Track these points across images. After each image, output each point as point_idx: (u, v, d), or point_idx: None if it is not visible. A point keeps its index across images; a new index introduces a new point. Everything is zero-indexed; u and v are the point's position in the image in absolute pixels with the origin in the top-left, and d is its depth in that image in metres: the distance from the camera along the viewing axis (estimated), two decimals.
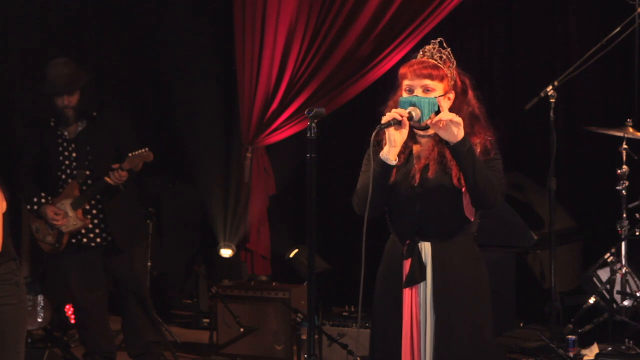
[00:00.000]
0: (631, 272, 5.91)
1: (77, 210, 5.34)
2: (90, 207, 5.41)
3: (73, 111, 5.39)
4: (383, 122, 3.23)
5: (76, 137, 5.42)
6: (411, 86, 3.34)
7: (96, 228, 5.42)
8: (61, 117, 5.42)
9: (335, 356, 5.45)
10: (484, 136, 3.36)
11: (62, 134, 5.43)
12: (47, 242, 5.42)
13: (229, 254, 6.82)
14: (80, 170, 5.39)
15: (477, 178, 3.23)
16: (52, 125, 5.46)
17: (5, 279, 3.80)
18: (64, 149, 5.42)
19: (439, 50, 3.37)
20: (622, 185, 5.90)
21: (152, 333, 5.60)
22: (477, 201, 3.31)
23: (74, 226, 5.36)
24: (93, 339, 5.53)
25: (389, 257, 3.47)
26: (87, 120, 5.43)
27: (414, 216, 3.37)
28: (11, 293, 3.81)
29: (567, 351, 5.31)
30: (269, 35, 6.78)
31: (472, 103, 3.40)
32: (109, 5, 7.42)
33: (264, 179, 6.86)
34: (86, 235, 5.40)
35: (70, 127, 5.43)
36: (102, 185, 5.32)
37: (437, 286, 3.35)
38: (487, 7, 7.18)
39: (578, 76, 5.94)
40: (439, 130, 3.25)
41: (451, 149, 3.24)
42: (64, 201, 5.35)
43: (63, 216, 5.33)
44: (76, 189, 5.36)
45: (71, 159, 5.41)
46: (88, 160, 5.39)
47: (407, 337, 3.38)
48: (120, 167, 5.28)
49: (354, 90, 6.69)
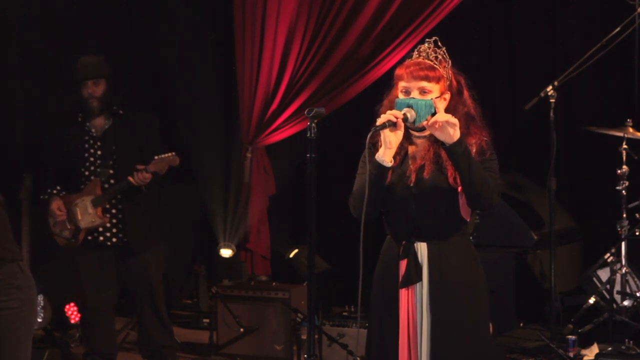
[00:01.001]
0: (631, 272, 5.91)
1: (97, 208, 5.33)
2: (110, 206, 5.40)
3: (98, 102, 5.41)
4: (378, 124, 3.23)
5: (102, 135, 5.43)
6: (408, 88, 3.34)
7: (114, 228, 5.40)
8: (86, 109, 5.43)
9: (335, 356, 5.45)
10: (480, 136, 3.35)
11: (89, 130, 5.44)
12: (64, 237, 5.40)
13: (229, 254, 6.82)
14: (103, 168, 5.39)
15: (473, 178, 3.23)
16: (80, 120, 5.47)
17: (6, 284, 3.67)
18: (89, 146, 5.42)
19: (434, 49, 3.36)
20: (622, 185, 5.90)
21: (163, 337, 5.56)
22: (473, 201, 3.32)
23: (92, 223, 5.35)
24: (95, 338, 5.51)
25: (385, 258, 3.47)
26: (114, 118, 5.46)
27: (410, 217, 3.37)
28: (12, 297, 3.67)
29: (567, 351, 5.31)
30: (269, 35, 6.78)
31: (467, 103, 3.40)
32: (109, 5, 7.42)
33: (264, 179, 6.86)
34: (103, 233, 5.39)
35: (96, 122, 5.44)
36: (125, 185, 5.31)
37: (433, 286, 3.35)
38: (487, 7, 7.18)
39: (578, 76, 5.93)
40: (435, 132, 3.25)
41: (447, 149, 3.24)
42: (85, 198, 5.34)
43: (65, 213, 5.34)
44: (98, 186, 5.36)
45: (96, 156, 5.41)
46: (113, 159, 5.40)
47: (404, 337, 3.37)
48: (145, 169, 5.28)
49: (354, 90, 6.69)
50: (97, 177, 5.37)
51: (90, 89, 5.40)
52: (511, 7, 7.13)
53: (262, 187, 6.85)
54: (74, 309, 6.33)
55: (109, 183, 5.38)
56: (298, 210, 7.31)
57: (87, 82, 5.41)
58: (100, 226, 5.36)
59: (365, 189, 3.23)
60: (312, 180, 3.25)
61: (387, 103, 3.41)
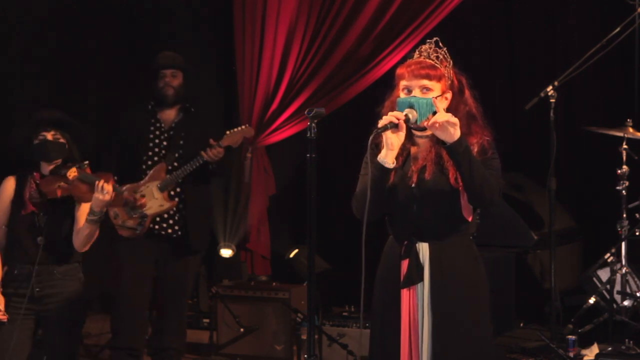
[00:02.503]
0: (631, 272, 5.91)
1: (163, 192, 5.34)
2: (175, 193, 5.41)
3: (173, 91, 5.46)
4: (380, 126, 3.22)
5: (171, 128, 5.46)
6: (409, 86, 3.34)
7: (170, 219, 5.41)
8: (160, 98, 5.46)
9: (335, 356, 5.46)
10: (481, 136, 3.36)
11: (158, 120, 5.46)
12: (128, 227, 5.36)
13: (229, 254, 6.82)
14: (170, 156, 5.41)
15: (474, 177, 3.24)
16: (150, 108, 5.49)
17: (72, 274, 4.50)
18: (155, 137, 5.44)
19: (435, 50, 3.37)
20: (622, 185, 5.91)
21: (175, 339, 5.56)
22: (474, 199, 3.32)
23: (161, 208, 5.33)
24: (124, 333, 5.46)
25: (387, 258, 3.48)
26: (184, 113, 5.48)
27: (412, 217, 3.37)
28: (75, 282, 4.51)
29: (567, 351, 5.30)
30: (269, 35, 6.79)
31: (469, 102, 3.41)
32: (109, 5, 7.42)
33: (264, 179, 6.86)
34: (160, 223, 5.39)
35: (165, 115, 5.47)
36: (194, 164, 5.32)
37: (434, 286, 3.35)
38: (487, 7, 7.18)
39: (578, 76, 5.93)
40: (436, 131, 3.25)
41: (448, 149, 3.25)
42: (150, 184, 5.34)
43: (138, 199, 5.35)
44: (163, 171, 5.36)
45: (161, 146, 5.43)
46: (179, 152, 5.42)
47: (406, 337, 3.38)
48: (218, 144, 5.32)
49: (354, 90, 6.69)
50: (163, 162, 5.38)
51: (168, 78, 5.48)
52: (511, 7, 7.14)
53: (262, 187, 6.85)
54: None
55: (175, 167, 5.39)
56: (298, 210, 7.31)
57: (165, 72, 5.49)
58: (171, 209, 5.35)
59: (367, 190, 3.23)
60: (312, 180, 3.25)
61: (389, 104, 3.41)
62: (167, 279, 5.51)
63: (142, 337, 5.60)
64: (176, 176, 5.34)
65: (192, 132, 5.46)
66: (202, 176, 5.47)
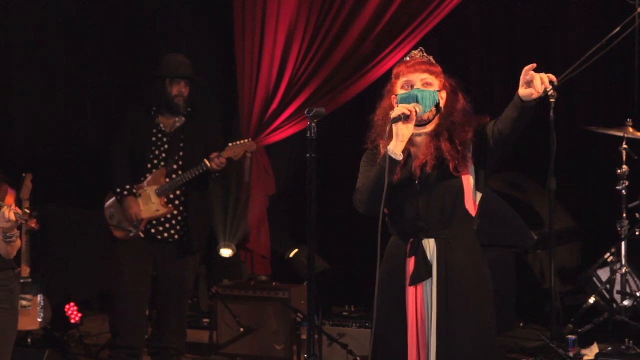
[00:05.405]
0: (631, 272, 5.91)
1: (161, 198, 5.35)
2: (174, 197, 5.41)
3: (184, 102, 5.47)
4: (394, 117, 3.26)
5: (172, 132, 5.47)
6: (411, 81, 3.40)
7: (173, 220, 5.43)
8: (170, 106, 5.46)
9: (335, 356, 5.45)
10: (477, 119, 3.45)
11: (159, 125, 5.46)
12: (123, 228, 5.39)
13: (229, 254, 6.82)
14: (170, 160, 5.42)
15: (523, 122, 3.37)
16: (152, 114, 5.49)
17: (2, 285, 3.99)
18: (157, 140, 5.46)
19: (424, 55, 3.47)
20: (622, 185, 5.91)
21: (175, 339, 5.59)
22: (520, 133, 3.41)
23: (157, 213, 5.37)
24: (124, 332, 5.48)
25: (390, 258, 3.48)
26: (185, 118, 5.48)
27: (417, 214, 3.39)
28: (6, 298, 4.00)
29: (567, 351, 5.30)
30: (269, 35, 6.79)
31: (462, 102, 3.48)
32: (109, 5, 7.42)
33: (264, 179, 6.86)
34: (156, 227, 5.40)
35: (166, 119, 5.47)
36: (195, 172, 5.34)
37: (441, 283, 3.36)
38: (487, 7, 7.17)
39: (578, 76, 5.93)
40: (529, 85, 3.30)
41: (527, 103, 3.32)
42: (149, 188, 5.38)
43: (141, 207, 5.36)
44: (163, 176, 5.37)
45: (162, 150, 5.44)
46: (179, 156, 5.44)
47: (413, 335, 3.38)
48: (219, 155, 5.33)
49: (354, 90, 6.69)
50: (164, 167, 5.38)
51: (183, 89, 5.48)
52: (511, 7, 7.13)
53: (262, 187, 6.84)
54: (74, 309, 6.33)
55: (175, 173, 5.40)
56: (298, 210, 7.31)
57: (180, 81, 5.47)
58: (165, 215, 5.36)
59: (374, 182, 3.27)
60: (312, 180, 3.26)
61: (388, 105, 3.44)
62: (167, 279, 5.53)
63: (142, 337, 5.61)
64: (175, 182, 5.36)
65: (192, 136, 5.48)
66: (203, 181, 5.49)
